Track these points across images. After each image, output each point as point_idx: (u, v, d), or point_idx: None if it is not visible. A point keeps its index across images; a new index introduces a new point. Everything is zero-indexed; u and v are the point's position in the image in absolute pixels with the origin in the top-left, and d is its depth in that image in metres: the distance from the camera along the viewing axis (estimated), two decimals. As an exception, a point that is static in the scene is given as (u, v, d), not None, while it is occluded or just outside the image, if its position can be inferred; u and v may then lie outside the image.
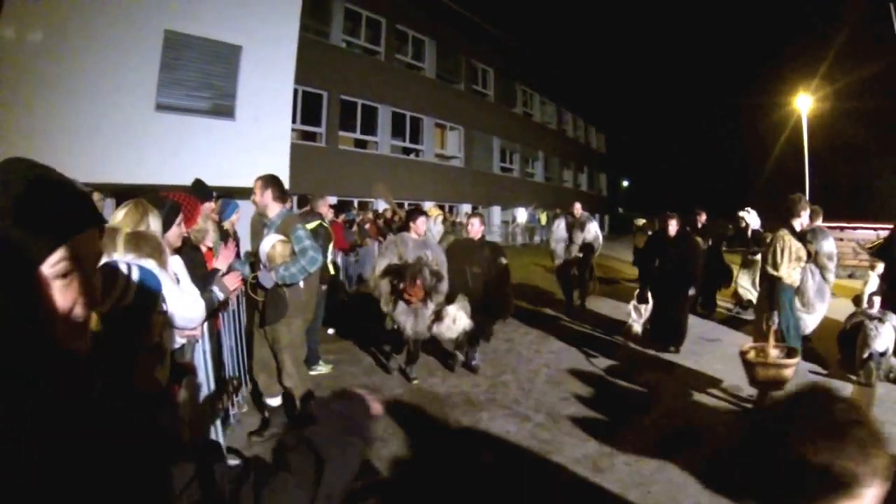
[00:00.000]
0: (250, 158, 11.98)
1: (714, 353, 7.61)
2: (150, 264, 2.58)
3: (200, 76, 11.97)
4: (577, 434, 4.93)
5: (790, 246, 5.35)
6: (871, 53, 25.38)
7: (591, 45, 49.31)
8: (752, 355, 5.34)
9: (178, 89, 11.63)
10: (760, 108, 34.28)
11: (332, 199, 16.43)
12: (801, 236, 5.59)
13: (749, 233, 9.89)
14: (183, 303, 2.98)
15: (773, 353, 5.22)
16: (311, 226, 6.64)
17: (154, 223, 2.96)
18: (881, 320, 6.28)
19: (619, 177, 53.50)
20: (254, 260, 4.80)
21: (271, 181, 4.56)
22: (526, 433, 4.95)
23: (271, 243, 4.42)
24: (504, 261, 6.76)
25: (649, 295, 7.65)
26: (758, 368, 5.20)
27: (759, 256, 8.00)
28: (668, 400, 5.88)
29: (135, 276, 2.29)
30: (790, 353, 5.27)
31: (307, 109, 17.57)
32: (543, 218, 30.95)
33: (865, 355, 6.03)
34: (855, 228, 17.30)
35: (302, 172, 14.79)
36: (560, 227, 10.26)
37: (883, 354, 6.03)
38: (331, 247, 7.10)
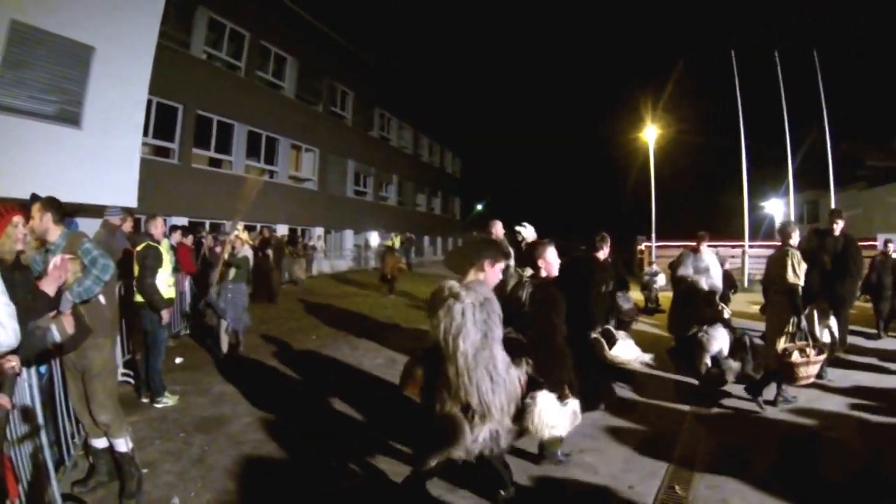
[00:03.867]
0: (96, 172, 11.13)
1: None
2: None
3: (48, 77, 10.68)
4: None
5: (801, 260, 6.28)
6: (711, 92, 28.74)
7: (453, 71, 51.14)
8: (795, 356, 6.06)
9: (21, 89, 10.31)
10: (615, 134, 37.58)
11: (182, 221, 15.92)
12: None
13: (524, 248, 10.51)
14: None
15: (811, 352, 6.06)
16: (139, 247, 6.45)
17: None
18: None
19: (474, 200, 55.32)
20: None
21: (51, 204, 4.10)
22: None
23: (57, 262, 3.86)
24: None
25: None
26: (800, 368, 5.96)
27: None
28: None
29: None
30: (819, 350, 6.17)
31: (160, 123, 16.36)
32: (397, 242, 31.33)
33: (707, 361, 7.00)
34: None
35: (151, 190, 13.94)
36: None
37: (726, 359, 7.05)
38: (168, 270, 6.82)
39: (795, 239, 6.55)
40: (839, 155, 21.70)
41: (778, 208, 28.89)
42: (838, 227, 7.87)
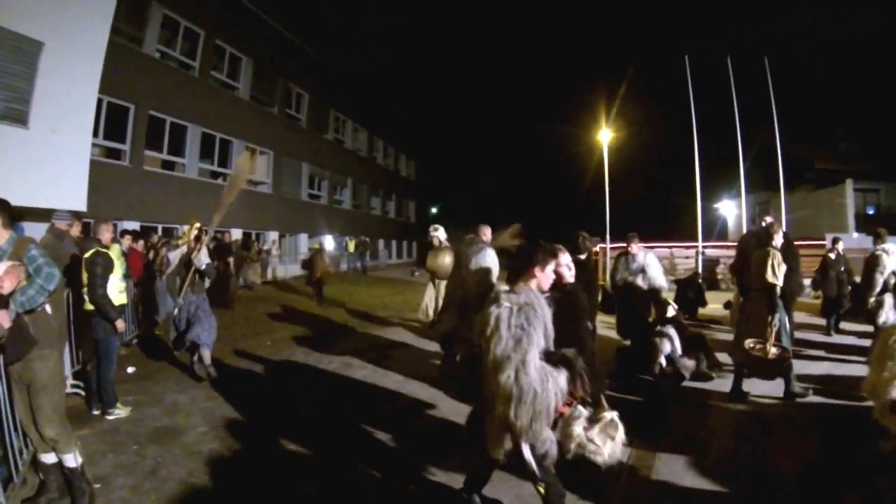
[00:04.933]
0: (43, 174, 10.73)
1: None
2: None
3: (-8, 73, 10.40)
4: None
5: (780, 260, 6.54)
6: (665, 95, 29.75)
7: (408, 73, 51.25)
8: (756, 350, 6.39)
9: (-36, 86, 10.15)
10: (569, 137, 38.46)
11: (134, 225, 15.54)
12: None
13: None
14: None
15: (773, 350, 6.34)
16: (87, 254, 6.17)
17: None
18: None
19: (428, 204, 55.54)
20: None
21: None
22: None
23: (2, 270, 3.79)
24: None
25: None
26: (760, 363, 6.37)
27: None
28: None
29: None
30: (783, 352, 6.40)
31: (111, 123, 15.78)
32: (351, 246, 31.26)
33: (661, 361, 7.18)
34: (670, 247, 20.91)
35: (101, 193, 13.60)
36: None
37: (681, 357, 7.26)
38: (119, 275, 6.52)
39: (778, 240, 6.76)
40: (789, 158, 22.51)
41: (730, 209, 29.80)
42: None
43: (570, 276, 4.47)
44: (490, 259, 7.28)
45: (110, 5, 12.75)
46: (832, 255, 11.39)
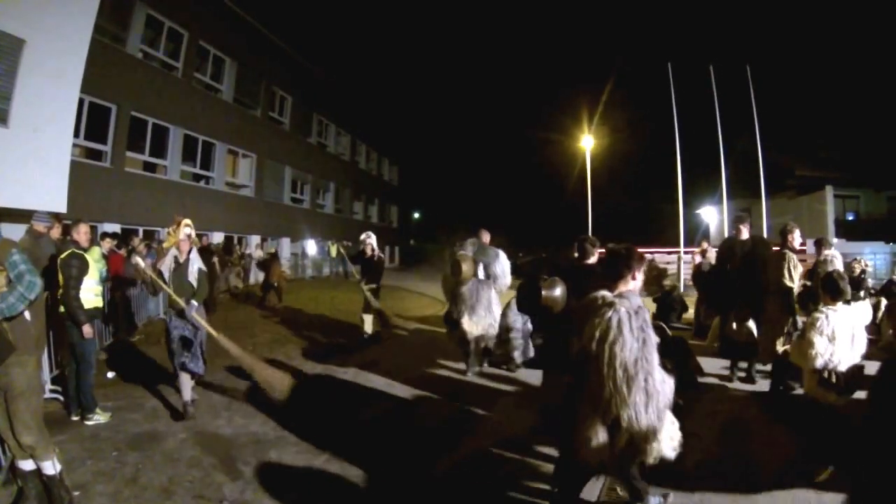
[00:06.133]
0: (23, 174, 10.53)
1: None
2: None
3: (-27, 70, 10.19)
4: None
5: (797, 264, 6.62)
6: (647, 101, 30.07)
7: (391, 77, 51.42)
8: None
9: (-57, 83, 9.96)
10: (553, 144, 38.90)
11: (115, 227, 15.33)
12: None
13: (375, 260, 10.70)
14: None
15: None
16: (63, 255, 6.11)
17: None
18: None
19: (411, 208, 55.42)
20: None
21: None
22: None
23: None
24: None
25: None
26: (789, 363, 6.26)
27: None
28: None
29: None
30: None
31: (92, 123, 15.42)
32: (333, 250, 30.95)
33: None
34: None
35: (82, 195, 13.35)
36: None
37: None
38: (95, 278, 6.49)
39: (796, 241, 6.76)
40: (770, 164, 22.77)
41: (712, 215, 30.09)
42: (742, 232, 8.08)
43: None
44: (506, 261, 8.35)
45: (94, 3, 12.57)
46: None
